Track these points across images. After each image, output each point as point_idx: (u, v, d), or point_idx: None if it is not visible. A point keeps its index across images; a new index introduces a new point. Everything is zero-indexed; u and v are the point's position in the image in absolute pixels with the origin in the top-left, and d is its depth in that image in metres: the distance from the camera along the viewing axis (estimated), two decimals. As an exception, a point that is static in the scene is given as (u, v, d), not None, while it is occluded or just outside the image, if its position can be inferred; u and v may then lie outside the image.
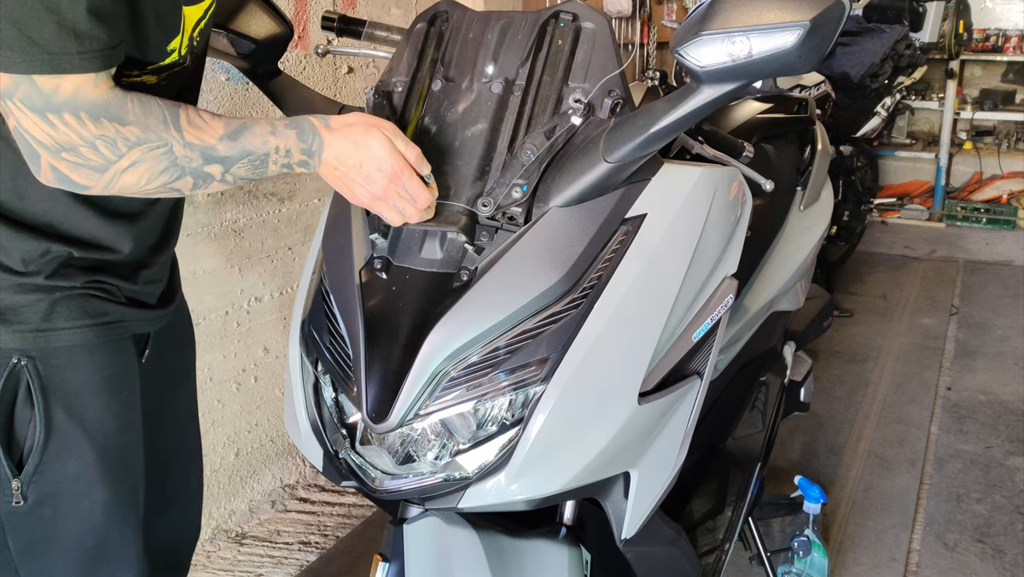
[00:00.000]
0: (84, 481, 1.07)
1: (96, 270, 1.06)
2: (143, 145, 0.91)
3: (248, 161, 0.97)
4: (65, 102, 0.87)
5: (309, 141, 0.98)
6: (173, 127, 0.92)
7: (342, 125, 0.99)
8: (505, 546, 1.11)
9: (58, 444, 1.05)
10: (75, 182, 0.92)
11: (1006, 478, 2.51)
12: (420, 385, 0.99)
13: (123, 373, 1.11)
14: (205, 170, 0.95)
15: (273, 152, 0.97)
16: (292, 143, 0.98)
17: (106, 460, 1.09)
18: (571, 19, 1.11)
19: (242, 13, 1.26)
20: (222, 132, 0.95)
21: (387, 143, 0.98)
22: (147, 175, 0.93)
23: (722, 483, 1.69)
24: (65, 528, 1.08)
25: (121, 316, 1.09)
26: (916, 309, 3.87)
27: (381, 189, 0.98)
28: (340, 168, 0.99)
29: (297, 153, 0.98)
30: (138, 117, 0.90)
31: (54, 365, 1.03)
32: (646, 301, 1.06)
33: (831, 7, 0.84)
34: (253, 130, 0.97)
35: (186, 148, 0.93)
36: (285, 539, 2.29)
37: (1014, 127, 5.52)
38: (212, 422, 2.22)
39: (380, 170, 0.97)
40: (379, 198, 0.99)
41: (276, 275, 2.34)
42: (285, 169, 0.99)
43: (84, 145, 0.89)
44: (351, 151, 0.98)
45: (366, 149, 0.98)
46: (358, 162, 0.98)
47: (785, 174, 1.95)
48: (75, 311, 1.04)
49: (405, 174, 0.98)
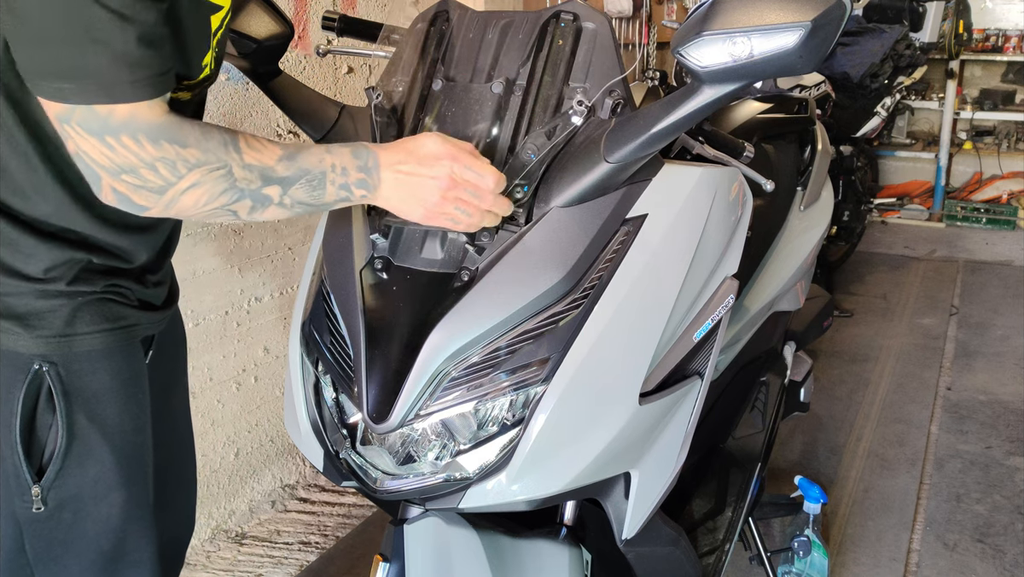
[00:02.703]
0: (103, 485, 1.08)
1: (112, 274, 1.07)
2: (203, 167, 0.91)
3: (306, 181, 0.96)
4: (122, 125, 0.87)
5: (364, 158, 0.99)
6: (232, 149, 0.92)
7: (391, 143, 1.01)
8: (505, 546, 1.11)
9: (79, 449, 1.05)
10: (135, 203, 0.92)
11: (1006, 478, 2.51)
12: (421, 385, 0.99)
13: (137, 376, 1.11)
14: (264, 192, 0.95)
15: (330, 171, 0.97)
16: (347, 160, 0.98)
17: (123, 463, 1.09)
18: (572, 19, 1.11)
19: (242, 13, 1.26)
20: (280, 153, 0.95)
21: (437, 138, 0.99)
22: (206, 196, 0.93)
23: (722, 483, 1.69)
24: (83, 532, 1.09)
25: (136, 320, 1.10)
26: (916, 309, 3.87)
27: (446, 176, 0.98)
28: (400, 175, 0.99)
29: (354, 171, 0.98)
30: (198, 139, 0.91)
31: (75, 370, 1.04)
32: (647, 301, 1.06)
33: (832, 8, 0.84)
34: (310, 150, 0.97)
35: (245, 169, 0.93)
36: (285, 539, 2.29)
37: (1014, 127, 5.52)
38: (212, 422, 2.22)
39: (438, 158, 0.98)
40: (449, 188, 0.98)
41: (276, 275, 2.34)
42: (344, 192, 0.99)
43: (143, 167, 0.89)
44: (405, 156, 0.99)
45: (419, 148, 0.99)
46: (416, 161, 0.98)
47: (785, 174, 1.95)
48: (96, 316, 1.04)
49: (463, 155, 0.98)
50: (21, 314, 1.00)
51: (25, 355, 1.01)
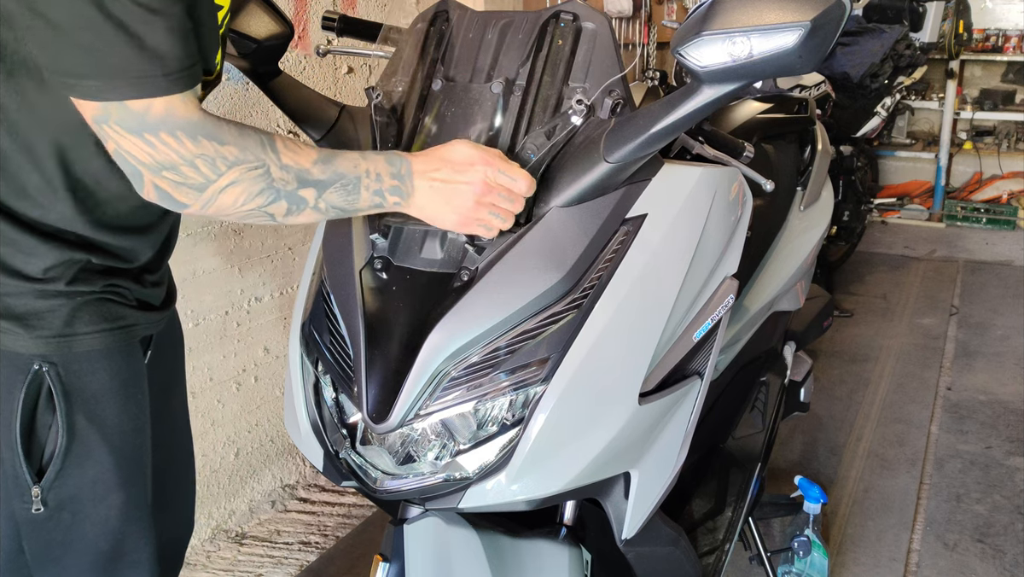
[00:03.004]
0: (102, 485, 1.08)
1: (111, 274, 1.06)
2: (242, 165, 0.91)
3: (341, 186, 0.97)
4: (160, 121, 0.88)
5: (397, 165, 0.99)
6: (270, 149, 0.93)
7: (423, 152, 1.02)
8: (505, 546, 1.11)
9: (79, 450, 1.05)
10: (176, 200, 0.93)
11: (1006, 478, 2.51)
12: (421, 385, 0.99)
13: (136, 376, 1.11)
14: (300, 194, 0.95)
15: (364, 176, 0.98)
16: (382, 167, 0.99)
17: (123, 464, 1.09)
18: (571, 19, 1.11)
19: (242, 13, 1.26)
20: (316, 156, 0.96)
21: (467, 143, 1.01)
22: (244, 196, 0.93)
23: (722, 483, 1.69)
24: (82, 533, 1.09)
25: (135, 320, 1.09)
26: (916, 309, 3.87)
27: (480, 182, 0.99)
28: (434, 182, 1.00)
29: (388, 178, 0.99)
30: (235, 137, 0.91)
31: (75, 370, 1.03)
32: (647, 301, 1.06)
33: (832, 7, 0.84)
34: (345, 155, 0.98)
35: (283, 170, 0.93)
36: (285, 539, 2.29)
37: (1014, 127, 5.52)
38: (212, 422, 2.22)
39: (471, 164, 0.99)
40: (484, 193, 0.99)
41: (276, 275, 2.34)
42: (378, 198, 0.99)
43: (184, 164, 0.89)
44: (437, 163, 1.00)
45: (451, 153, 1.00)
46: (449, 169, 0.99)
47: (785, 174, 1.95)
48: (95, 316, 1.04)
49: (495, 160, 1.00)
50: (20, 314, 1.00)
51: (25, 355, 1.01)
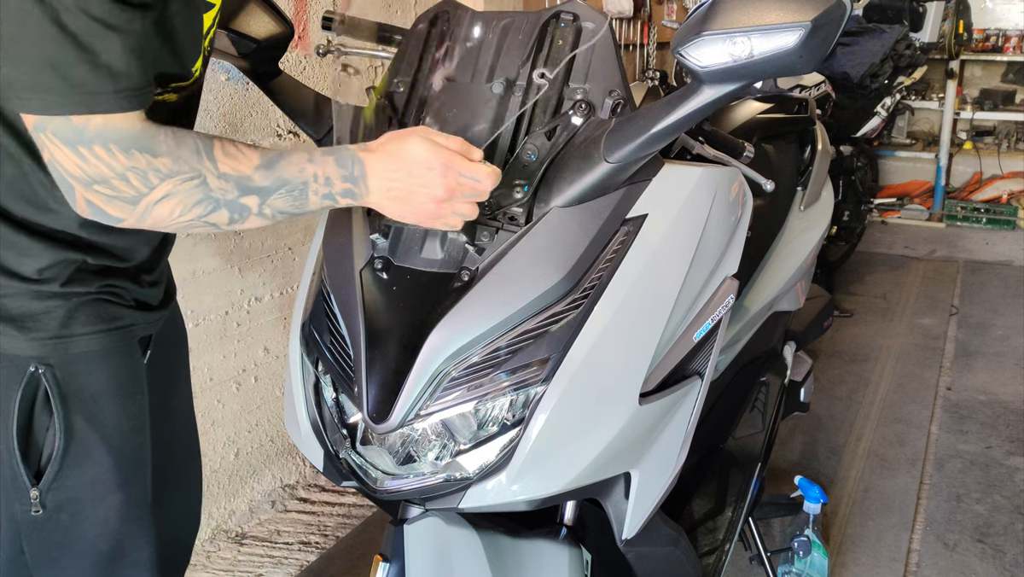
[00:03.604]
0: (101, 486, 1.08)
1: (107, 274, 1.06)
2: (176, 177, 0.89)
3: (286, 192, 0.93)
4: (96, 135, 0.86)
5: (349, 167, 0.95)
6: (207, 157, 0.90)
7: (378, 145, 0.96)
8: (505, 546, 1.11)
9: (77, 451, 1.05)
10: (109, 214, 0.91)
11: (1006, 478, 2.51)
12: (421, 385, 0.99)
13: (135, 376, 1.11)
14: (241, 202, 0.92)
15: (312, 181, 0.94)
16: (331, 170, 0.94)
17: (121, 464, 1.09)
18: (572, 19, 1.11)
19: (242, 13, 1.26)
20: (258, 162, 0.92)
21: (425, 142, 0.95)
22: (180, 207, 0.90)
23: (722, 483, 1.69)
24: (81, 534, 1.08)
25: (132, 320, 1.09)
26: (916, 309, 3.87)
27: (441, 187, 0.94)
28: (391, 187, 0.95)
29: (339, 181, 0.95)
30: (170, 148, 0.89)
31: (72, 372, 1.03)
32: (647, 301, 1.06)
33: (832, 7, 0.84)
34: (290, 159, 0.94)
35: (221, 179, 0.90)
36: (285, 539, 2.29)
37: (1014, 127, 5.52)
38: (212, 422, 2.22)
39: (430, 168, 0.94)
40: (444, 199, 0.95)
41: (276, 275, 2.34)
42: (328, 201, 0.95)
43: (115, 177, 0.87)
44: (394, 164, 0.95)
45: (407, 156, 0.94)
46: (406, 172, 0.94)
47: (785, 174, 1.95)
48: (92, 317, 1.04)
49: (456, 161, 0.95)
50: (16, 316, 1.00)
51: (21, 357, 1.00)
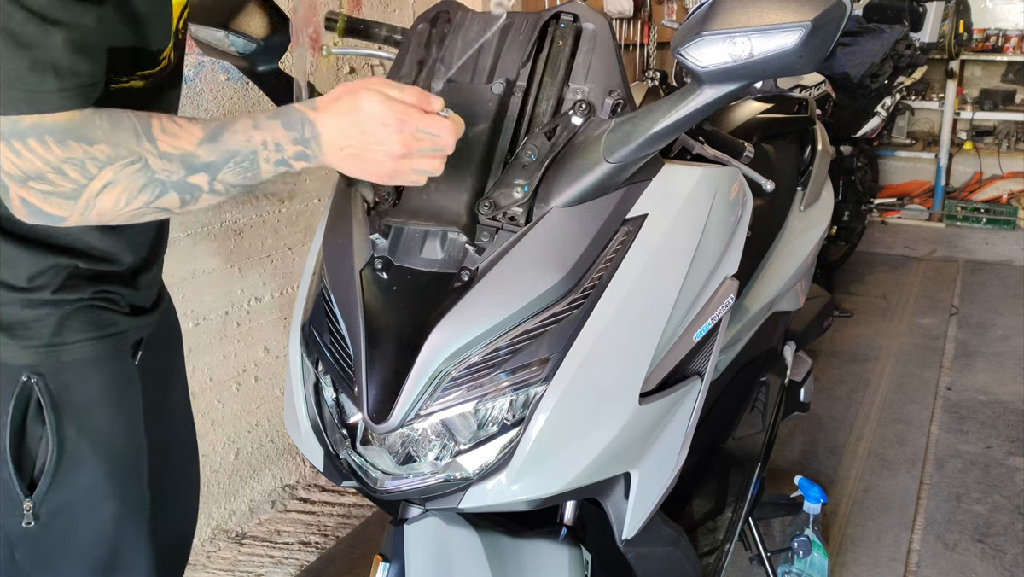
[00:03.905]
0: (96, 495, 1.06)
1: (101, 280, 1.04)
2: (115, 163, 0.82)
3: (235, 164, 0.87)
4: (31, 128, 0.81)
5: (299, 129, 0.89)
6: (146, 138, 0.84)
7: (328, 102, 0.90)
8: (505, 546, 1.11)
9: (71, 461, 1.03)
10: (48, 213, 0.84)
11: (1006, 478, 2.51)
12: (421, 385, 0.99)
13: (127, 382, 1.09)
14: (189, 181, 0.86)
15: (261, 148, 0.88)
16: (280, 135, 0.88)
17: (116, 471, 1.07)
18: (572, 20, 1.11)
19: (242, 13, 1.26)
20: (201, 136, 0.86)
21: (378, 95, 0.88)
22: (125, 195, 0.84)
23: (722, 483, 1.69)
24: (76, 542, 1.07)
25: (126, 326, 1.07)
26: (916, 309, 3.87)
27: (398, 143, 0.88)
28: (345, 145, 0.89)
29: (290, 144, 0.89)
30: (106, 133, 0.82)
31: (64, 381, 1.01)
32: (647, 301, 1.06)
33: (832, 7, 0.84)
34: (234, 128, 0.87)
35: (163, 159, 0.84)
36: (285, 539, 2.29)
37: (1014, 127, 5.52)
38: (212, 422, 2.22)
39: (385, 125, 0.88)
40: (402, 155, 0.89)
41: (276, 275, 2.34)
42: (282, 167, 0.90)
43: (51, 171, 0.81)
44: (346, 122, 0.88)
45: (360, 112, 0.88)
46: (359, 129, 0.88)
47: (785, 174, 1.95)
48: (84, 324, 1.02)
49: (412, 115, 0.88)
50: (8, 324, 0.98)
51: (13, 366, 0.98)
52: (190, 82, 1.99)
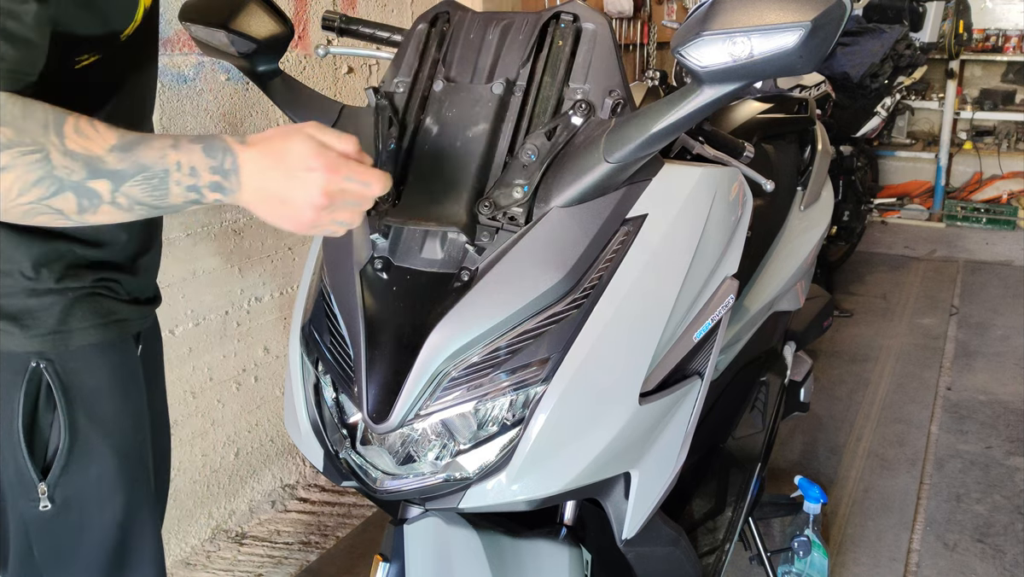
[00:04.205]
0: (107, 483, 1.08)
1: (101, 267, 1.06)
2: (15, 148, 0.79)
3: (144, 179, 0.83)
4: None
5: (219, 158, 0.84)
6: (54, 132, 0.81)
7: (258, 139, 0.86)
8: (505, 546, 1.11)
9: (82, 448, 1.05)
10: None
11: (1006, 478, 2.51)
12: (421, 385, 0.99)
13: (133, 372, 1.12)
14: (89, 185, 0.82)
15: (174, 169, 0.83)
16: (198, 159, 0.83)
17: (125, 461, 1.10)
18: (572, 20, 1.11)
19: (242, 13, 1.26)
20: (114, 143, 0.82)
21: (311, 141, 0.85)
22: (18, 185, 0.80)
23: (722, 483, 1.69)
24: (90, 532, 1.09)
25: (127, 314, 1.10)
26: (916, 309, 3.87)
27: (320, 192, 0.84)
28: (265, 186, 0.85)
29: (206, 172, 0.84)
30: (14, 118, 0.80)
31: (72, 368, 1.04)
32: (647, 301, 1.06)
33: (832, 7, 0.84)
34: (152, 143, 0.83)
35: (66, 156, 0.81)
36: (285, 539, 2.29)
37: (1014, 127, 5.52)
38: (212, 422, 2.22)
39: (311, 170, 0.83)
40: (323, 206, 0.85)
41: (276, 275, 2.34)
42: (193, 194, 0.84)
43: None
44: (271, 162, 0.84)
45: (288, 155, 0.84)
46: (284, 172, 0.84)
47: (785, 174, 1.95)
48: (88, 312, 1.04)
49: (341, 164, 0.85)
50: (14, 313, 1.00)
51: (22, 354, 1.01)
52: (190, 82, 1.99)
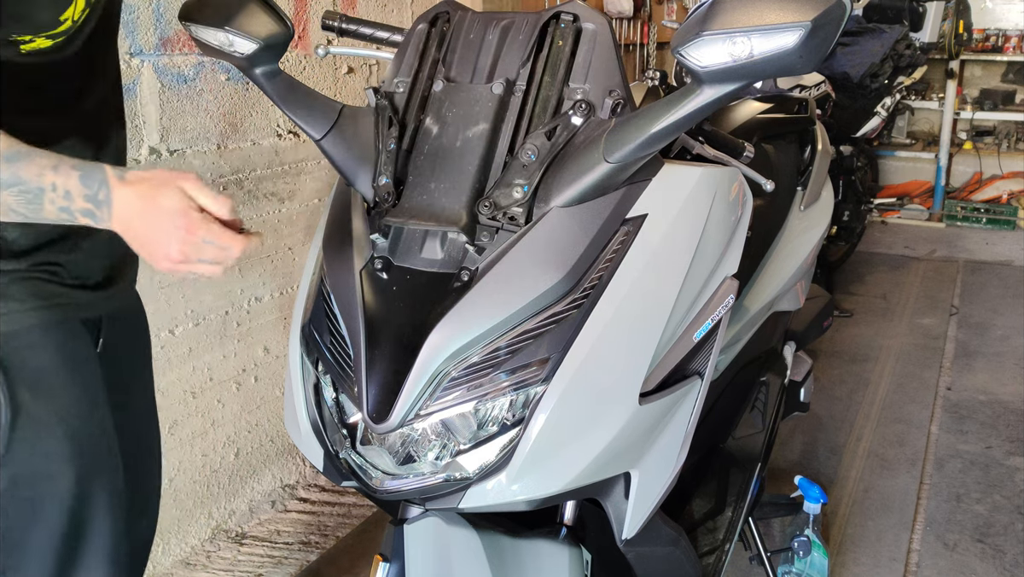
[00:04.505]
0: (57, 460, 1.07)
1: (37, 249, 1.05)
2: None
3: (19, 191, 0.86)
4: None
5: (94, 188, 0.88)
6: None
7: (136, 179, 0.90)
8: (505, 546, 1.11)
9: (27, 424, 1.05)
10: None
11: (1006, 478, 2.51)
12: (421, 385, 0.99)
13: (80, 357, 1.11)
14: None
15: (49, 189, 0.87)
16: (74, 185, 0.88)
17: (76, 442, 1.09)
18: (572, 20, 1.11)
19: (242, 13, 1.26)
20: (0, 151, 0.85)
21: (180, 197, 0.89)
22: None
23: (722, 483, 1.69)
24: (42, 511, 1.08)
25: (69, 298, 1.09)
26: (916, 309, 3.87)
27: (176, 249, 0.89)
28: (131, 227, 0.90)
29: (79, 199, 0.88)
30: None
31: (13, 347, 1.03)
32: (647, 301, 1.06)
33: (832, 7, 0.84)
34: (33, 160, 0.87)
35: None
36: (285, 539, 2.29)
37: (1014, 127, 5.52)
38: (212, 422, 2.22)
39: (174, 228, 0.89)
40: (178, 260, 0.90)
41: (276, 275, 2.34)
42: (66, 216, 0.89)
43: None
44: (140, 207, 0.89)
45: (155, 206, 0.89)
46: (148, 220, 0.89)
47: (785, 174, 1.95)
48: (23, 293, 1.04)
49: (203, 227, 0.89)
50: None
51: None
52: (190, 82, 1.99)
